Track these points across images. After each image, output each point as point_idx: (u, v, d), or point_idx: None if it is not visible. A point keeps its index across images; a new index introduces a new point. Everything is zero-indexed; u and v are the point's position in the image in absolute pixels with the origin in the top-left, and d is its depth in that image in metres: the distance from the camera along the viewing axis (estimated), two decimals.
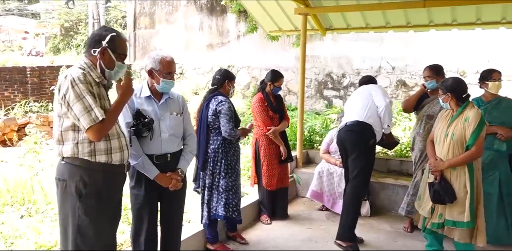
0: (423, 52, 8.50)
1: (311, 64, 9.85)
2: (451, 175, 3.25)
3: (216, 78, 3.72)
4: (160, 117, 2.77)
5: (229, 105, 3.56)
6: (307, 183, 5.11)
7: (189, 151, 2.92)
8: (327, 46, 9.73)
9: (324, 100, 9.87)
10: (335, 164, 4.86)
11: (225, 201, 3.59)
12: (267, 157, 4.39)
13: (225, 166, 3.60)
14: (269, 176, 4.39)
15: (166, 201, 2.86)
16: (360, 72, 9.32)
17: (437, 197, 3.24)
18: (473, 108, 3.26)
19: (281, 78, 4.44)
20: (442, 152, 3.30)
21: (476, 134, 3.15)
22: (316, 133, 6.58)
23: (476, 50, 7.95)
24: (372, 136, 3.72)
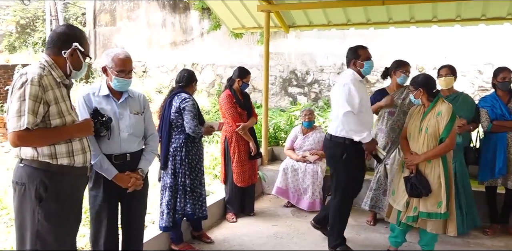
0: (384, 49, 8.69)
1: (275, 62, 9.89)
2: (425, 168, 3.37)
3: (183, 76, 3.69)
4: (120, 117, 2.70)
5: (193, 102, 3.53)
6: (273, 180, 5.13)
7: (150, 151, 2.86)
8: (291, 43, 9.80)
9: (288, 97, 9.94)
10: (297, 160, 4.91)
11: (192, 200, 3.57)
12: (237, 153, 4.38)
13: (189, 165, 3.56)
14: (239, 173, 4.39)
15: (126, 202, 2.79)
16: (324, 69, 9.45)
17: (414, 191, 3.33)
18: (444, 103, 3.38)
19: (249, 75, 4.46)
20: (418, 146, 3.41)
21: (449, 127, 3.29)
22: (281, 130, 6.62)
23: (434, 47, 8.21)
24: (343, 150, 3.46)
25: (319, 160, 4.96)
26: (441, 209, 3.28)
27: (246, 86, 4.46)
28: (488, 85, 7.89)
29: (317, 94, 9.62)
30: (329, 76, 9.45)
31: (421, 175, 3.34)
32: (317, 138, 5.04)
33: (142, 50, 11.58)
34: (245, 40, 9.83)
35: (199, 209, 3.62)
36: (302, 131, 5.12)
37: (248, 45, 10.24)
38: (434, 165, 3.34)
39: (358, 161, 3.57)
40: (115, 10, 12.32)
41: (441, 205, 3.27)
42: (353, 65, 3.51)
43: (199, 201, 3.64)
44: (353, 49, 3.56)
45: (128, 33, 12.10)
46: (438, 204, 3.29)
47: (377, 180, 4.26)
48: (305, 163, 4.88)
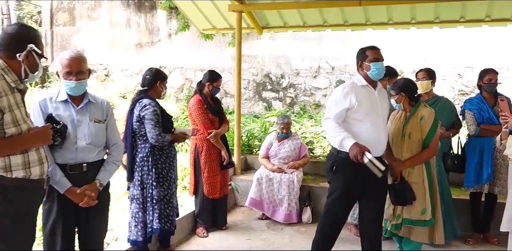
0: None
1: (248, 65, 9.92)
2: (409, 174, 3.46)
3: (146, 79, 3.65)
4: (77, 124, 2.65)
5: (154, 109, 3.49)
6: (246, 191, 5.13)
7: (111, 161, 2.81)
8: (264, 45, 9.86)
9: (263, 103, 9.98)
10: (271, 170, 4.93)
11: (159, 213, 3.53)
12: (209, 163, 4.37)
13: (156, 175, 3.54)
14: (210, 183, 4.37)
15: (84, 217, 2.71)
16: (300, 72, 9.54)
17: (398, 198, 3.42)
18: (426, 108, 3.52)
19: (220, 78, 4.46)
20: (401, 152, 3.50)
21: (432, 132, 3.42)
22: (254, 137, 6.64)
23: (413, 49, 8.42)
24: (333, 162, 3.28)
25: (296, 169, 5.00)
26: (425, 216, 3.37)
27: (217, 90, 4.45)
28: (469, 89, 8.15)
29: (293, 99, 9.69)
30: (305, 80, 9.54)
31: (405, 182, 3.43)
32: (294, 145, 5.08)
33: (104, 52, 11.41)
34: (216, 41, 9.82)
35: (167, 223, 3.58)
36: (277, 138, 5.15)
37: (219, 47, 10.24)
38: (418, 171, 3.44)
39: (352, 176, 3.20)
40: (74, 8, 12.12)
41: (426, 212, 3.37)
42: (360, 67, 3.31)
43: (169, 214, 3.60)
44: (361, 50, 3.37)
45: (89, 34, 11.91)
46: (423, 211, 3.38)
47: None
48: (280, 173, 4.91)
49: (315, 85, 9.48)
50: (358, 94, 3.19)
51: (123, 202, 4.42)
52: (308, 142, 6.46)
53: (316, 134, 7.13)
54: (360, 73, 3.32)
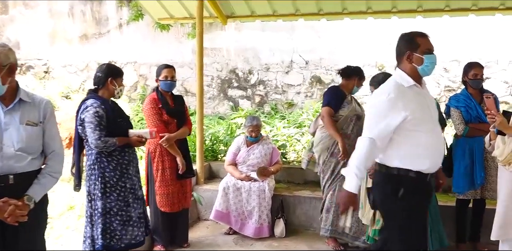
0: (338, 44, 8.98)
1: (211, 59, 9.89)
2: None
3: (96, 76, 3.64)
4: (5, 127, 2.55)
5: (95, 110, 3.47)
6: (211, 203, 5.10)
7: (47, 173, 2.69)
8: (230, 37, 9.85)
9: (228, 102, 9.96)
10: (239, 178, 4.93)
11: (102, 227, 3.51)
12: (161, 171, 4.31)
13: (102, 185, 3.53)
14: (162, 195, 4.31)
15: (11, 237, 2.55)
16: (270, 67, 9.58)
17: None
18: None
19: (165, 69, 4.35)
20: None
21: None
22: (220, 141, 6.61)
23: (394, 41, 8.57)
24: (396, 184, 2.86)
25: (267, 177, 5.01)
26: None
27: (167, 85, 4.34)
28: (455, 85, 8.38)
29: (262, 97, 9.71)
30: (276, 76, 9.58)
31: None
32: (264, 150, 5.09)
33: (44, 45, 11.14)
34: (174, 33, 9.74)
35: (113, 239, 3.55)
36: (246, 142, 5.15)
37: (177, 39, 10.17)
38: None
39: (424, 197, 2.96)
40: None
41: None
42: (407, 60, 2.89)
43: (116, 229, 3.56)
44: (408, 37, 2.95)
45: (25, 24, 11.59)
46: None
47: (336, 198, 4.37)
48: (249, 181, 4.92)
49: (287, 82, 9.53)
50: (408, 100, 2.79)
51: (70, 218, 4.33)
52: (281, 145, 6.48)
53: (289, 137, 7.17)
54: (404, 68, 2.92)
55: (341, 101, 4.43)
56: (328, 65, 9.16)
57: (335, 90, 4.54)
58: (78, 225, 4.39)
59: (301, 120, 8.11)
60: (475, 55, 7.55)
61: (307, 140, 6.95)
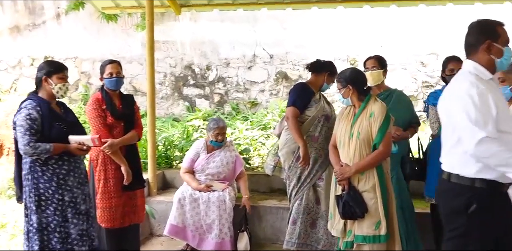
0: (305, 36, 9.06)
1: (164, 53, 9.84)
2: (359, 181, 3.60)
3: (36, 77, 3.66)
4: None
5: (28, 112, 3.44)
6: (165, 216, 5.06)
7: None
8: (184, 28, 9.82)
9: (184, 102, 9.91)
10: (197, 189, 4.91)
11: (40, 244, 3.47)
12: (103, 181, 4.24)
13: (36, 197, 3.49)
14: (104, 208, 4.24)
15: None
16: (230, 62, 9.59)
17: (347, 211, 3.53)
18: (376, 102, 3.67)
19: (109, 65, 4.28)
20: (348, 156, 3.64)
21: (383, 129, 3.55)
22: (174, 146, 6.58)
23: (368, 33, 8.73)
24: (469, 197, 2.76)
25: (228, 185, 5.01)
26: (380, 231, 3.50)
27: (113, 82, 4.27)
28: (433, 80, 8.58)
29: (222, 96, 9.71)
30: (238, 72, 9.60)
31: (355, 192, 3.56)
32: (227, 158, 5.10)
33: None
34: (121, 24, 9.65)
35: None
36: (206, 148, 5.14)
37: (125, 31, 10.07)
38: (368, 178, 3.58)
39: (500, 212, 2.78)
40: None
41: (380, 226, 3.50)
42: (486, 51, 2.82)
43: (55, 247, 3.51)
44: (488, 25, 2.90)
45: None
46: (376, 225, 3.51)
47: (304, 208, 4.40)
48: (208, 192, 4.90)
49: (250, 79, 9.57)
50: (494, 94, 2.72)
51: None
52: (243, 150, 6.50)
53: (253, 140, 7.19)
54: (479, 59, 2.85)
55: (308, 100, 4.45)
56: (295, 59, 9.24)
57: (302, 87, 4.56)
58: (11, 246, 4.29)
59: (266, 122, 8.15)
60: (455, 48, 7.70)
61: (273, 143, 6.97)
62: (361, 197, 3.54)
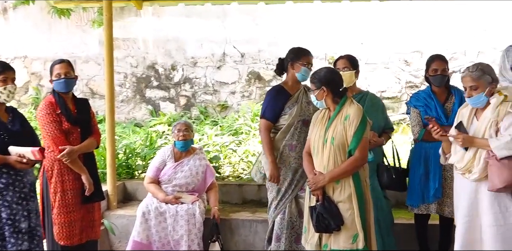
0: (279, 33, 9.09)
1: (124, 52, 9.77)
2: (334, 191, 3.62)
3: None
4: None
5: None
6: (127, 232, 5.05)
7: None
8: (147, 25, 9.77)
9: (147, 105, 9.86)
10: (164, 200, 4.89)
11: None
12: (60, 193, 4.19)
13: None
14: (63, 224, 4.19)
15: None
16: (198, 62, 9.56)
17: (321, 223, 3.54)
18: (353, 104, 3.70)
19: (57, 65, 4.26)
20: (322, 163, 3.66)
21: (359, 134, 3.58)
22: (136, 155, 6.54)
23: (347, 29, 8.80)
24: None
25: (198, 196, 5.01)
26: (357, 244, 3.53)
27: (62, 84, 4.23)
28: (418, 80, 8.68)
29: (189, 99, 9.68)
30: (206, 72, 9.59)
31: (329, 202, 3.58)
32: (196, 167, 5.10)
33: None
34: (75, 20, 9.57)
35: None
36: (173, 155, 5.13)
37: (80, 27, 9.97)
38: (343, 187, 3.60)
39: None
40: None
41: (358, 239, 3.52)
42: None
43: None
44: None
45: None
46: (353, 238, 3.53)
47: (287, 222, 4.39)
48: (178, 204, 4.89)
49: (219, 79, 9.56)
50: None
51: None
52: (213, 157, 6.48)
53: (223, 147, 7.19)
54: None
55: (281, 108, 4.40)
56: (269, 58, 9.25)
57: (272, 95, 4.50)
58: None
59: (237, 126, 8.16)
60: (440, 46, 7.88)
61: (245, 150, 6.99)
62: (336, 208, 3.55)
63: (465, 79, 3.52)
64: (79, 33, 10.02)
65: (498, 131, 3.40)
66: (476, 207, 3.48)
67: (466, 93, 3.51)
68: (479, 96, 3.46)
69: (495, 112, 3.40)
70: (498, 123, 3.40)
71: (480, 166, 3.40)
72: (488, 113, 3.44)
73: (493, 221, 3.39)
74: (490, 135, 3.41)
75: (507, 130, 3.35)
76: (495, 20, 8.20)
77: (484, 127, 3.45)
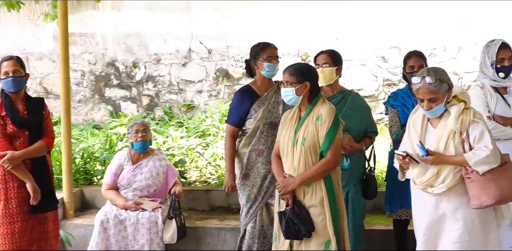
0: (249, 28, 9.09)
1: (82, 48, 9.69)
2: (305, 195, 3.64)
3: None
4: None
5: None
6: (84, 242, 5.03)
7: None
8: (106, 19, 9.70)
9: (106, 105, 9.79)
10: (124, 207, 4.89)
11: None
12: (3, 202, 4.17)
13: None
14: (5, 235, 4.17)
15: None
16: (161, 59, 9.53)
17: (291, 230, 3.55)
18: (325, 104, 3.72)
19: (4, 63, 4.22)
20: (292, 166, 3.68)
21: (331, 135, 3.60)
22: (95, 159, 6.51)
23: (321, 24, 8.85)
24: None
25: (160, 203, 5.01)
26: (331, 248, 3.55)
27: (9, 83, 4.19)
28: (396, 78, 8.76)
29: (152, 98, 9.64)
30: (171, 69, 9.56)
31: (299, 207, 3.60)
32: (157, 168, 5.09)
33: None
34: (26, 13, 9.46)
35: None
36: (131, 158, 5.12)
37: (32, 21, 9.86)
38: (314, 190, 3.63)
39: None
40: None
41: (330, 245, 3.56)
42: None
43: None
44: None
45: None
46: (326, 245, 3.57)
47: (259, 231, 4.41)
48: (140, 211, 4.88)
49: (185, 78, 9.54)
50: None
51: None
52: (178, 161, 6.47)
53: (189, 150, 7.18)
54: None
55: (246, 111, 4.41)
56: (238, 55, 9.25)
57: (237, 98, 4.53)
58: None
59: (205, 128, 8.15)
60: (419, 41, 7.98)
61: (213, 153, 6.98)
62: (307, 213, 3.58)
63: (422, 91, 3.38)
64: (31, 28, 9.89)
65: (463, 141, 3.36)
66: (437, 223, 3.46)
67: (425, 105, 3.38)
68: (439, 108, 3.39)
69: (458, 122, 3.34)
70: (462, 133, 3.36)
71: (449, 181, 3.35)
72: (450, 123, 3.37)
73: (457, 238, 3.37)
74: (455, 147, 3.36)
75: (479, 141, 3.34)
76: (476, 14, 8.34)
77: (446, 137, 3.39)
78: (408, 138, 3.56)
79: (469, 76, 7.68)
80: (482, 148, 3.29)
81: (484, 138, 3.33)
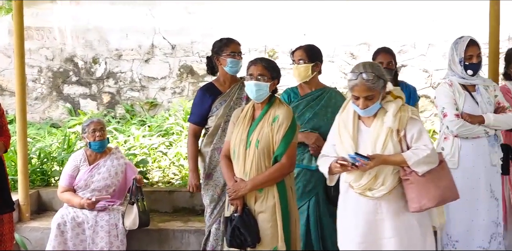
0: (214, 23, 9.10)
1: (38, 43, 9.61)
2: (256, 200, 3.61)
3: None
4: None
5: None
6: (41, 246, 5.00)
7: None
8: (64, 12, 9.64)
9: (65, 103, 9.73)
10: (81, 205, 4.86)
11: None
12: None
13: None
14: None
15: None
16: (123, 54, 9.50)
17: (235, 238, 3.54)
18: (281, 105, 3.70)
19: None
20: (244, 169, 3.64)
21: (287, 139, 3.58)
22: (53, 159, 6.46)
23: (288, 19, 8.91)
24: None
25: (120, 205, 5.01)
26: None
27: None
28: None
29: (113, 96, 9.60)
30: (132, 66, 9.53)
31: (248, 215, 3.58)
32: (115, 167, 5.09)
33: None
34: None
35: None
36: (87, 158, 5.11)
37: None
38: (266, 196, 3.60)
39: None
40: None
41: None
42: None
43: None
44: None
45: None
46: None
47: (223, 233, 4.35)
48: (95, 211, 4.87)
49: (147, 74, 9.53)
50: None
51: None
52: (140, 161, 6.45)
53: (152, 149, 7.16)
54: None
55: (207, 109, 4.42)
56: (203, 50, 9.25)
57: (198, 96, 4.54)
58: None
59: (168, 126, 8.15)
60: (389, 37, 8.08)
61: (177, 152, 6.98)
62: (255, 222, 3.55)
63: (359, 88, 3.19)
64: None
65: (400, 140, 3.26)
66: (375, 231, 3.30)
67: (360, 104, 3.20)
68: (375, 106, 3.25)
69: (396, 120, 3.22)
70: (400, 131, 3.24)
71: (389, 183, 3.25)
72: (387, 121, 3.22)
73: (399, 245, 3.25)
74: (393, 146, 3.23)
75: (418, 140, 3.24)
76: (445, 10, 8.47)
77: (384, 137, 3.25)
78: (339, 138, 3.39)
79: (439, 74, 7.78)
80: (422, 147, 3.20)
81: (422, 136, 3.24)
